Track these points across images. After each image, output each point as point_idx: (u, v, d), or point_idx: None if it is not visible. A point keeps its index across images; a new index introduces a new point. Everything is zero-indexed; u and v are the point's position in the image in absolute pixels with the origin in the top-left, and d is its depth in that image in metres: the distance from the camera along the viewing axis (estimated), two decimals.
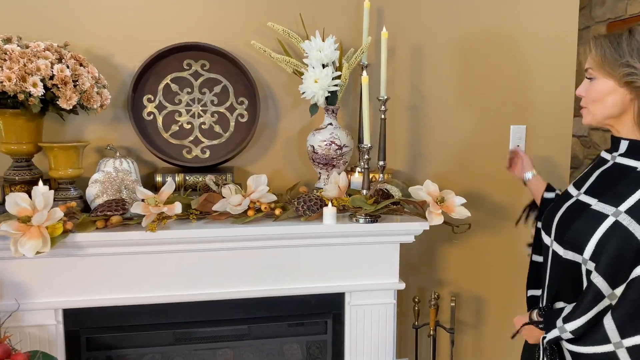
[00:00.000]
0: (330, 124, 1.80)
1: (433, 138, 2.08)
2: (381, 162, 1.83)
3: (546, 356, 1.23)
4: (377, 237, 1.68)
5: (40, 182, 1.47)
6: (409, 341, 2.15)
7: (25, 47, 1.53)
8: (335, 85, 1.75)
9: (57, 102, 1.51)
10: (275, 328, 1.77)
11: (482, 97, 2.10)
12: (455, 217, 1.63)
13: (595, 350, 1.13)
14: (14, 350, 1.36)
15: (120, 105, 1.84)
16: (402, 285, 1.74)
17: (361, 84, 1.68)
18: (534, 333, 1.31)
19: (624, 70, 1.16)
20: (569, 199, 1.28)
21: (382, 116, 1.81)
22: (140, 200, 1.51)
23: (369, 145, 1.66)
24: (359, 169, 1.89)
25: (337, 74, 1.75)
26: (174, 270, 1.60)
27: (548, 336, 1.21)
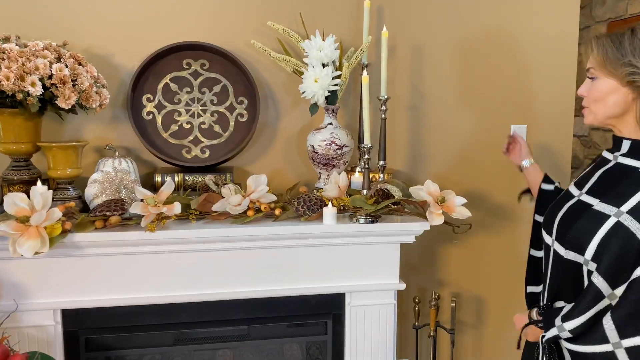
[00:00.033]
0: (331, 123, 1.80)
1: (433, 138, 2.07)
2: (381, 162, 1.82)
3: (545, 355, 1.23)
4: (377, 238, 1.67)
5: (38, 182, 1.47)
6: (409, 342, 2.15)
7: (24, 46, 1.53)
8: (336, 85, 1.75)
9: (56, 102, 1.51)
10: (275, 328, 1.76)
11: (482, 97, 2.09)
12: (455, 217, 1.62)
13: (594, 350, 1.13)
14: (12, 351, 1.36)
15: (119, 104, 1.83)
16: (403, 286, 1.73)
17: (361, 84, 1.68)
18: (534, 331, 1.31)
19: (626, 69, 1.16)
20: (571, 199, 1.28)
21: (383, 116, 1.81)
22: (139, 200, 1.50)
23: (369, 145, 1.66)
24: (359, 169, 1.89)
25: (337, 73, 1.75)
26: (173, 271, 1.59)
27: (547, 335, 1.22)
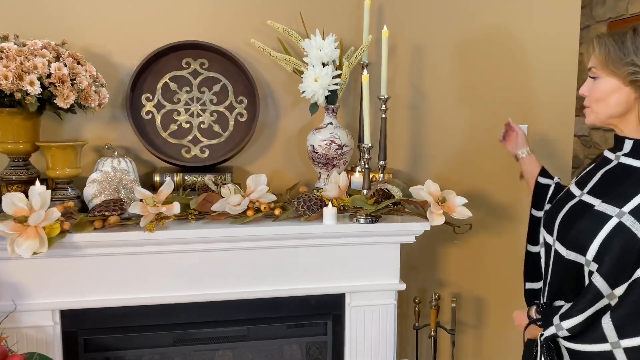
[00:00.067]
0: (331, 123, 1.79)
1: (434, 138, 2.07)
2: (382, 162, 1.82)
3: (544, 353, 1.24)
4: (377, 238, 1.67)
5: (37, 182, 1.46)
6: (410, 342, 2.14)
7: (23, 45, 1.52)
8: (336, 84, 1.74)
9: (55, 101, 1.50)
10: (275, 329, 1.76)
11: (483, 97, 2.08)
12: (456, 217, 1.62)
13: (592, 349, 1.13)
14: (10, 352, 1.36)
15: (118, 104, 1.82)
16: (403, 286, 1.73)
17: (361, 83, 1.67)
18: (532, 330, 1.32)
19: (629, 69, 1.16)
20: (572, 199, 1.28)
21: (383, 115, 1.80)
22: (138, 200, 1.50)
23: (370, 144, 1.65)
24: (359, 169, 1.88)
25: (338, 72, 1.74)
26: (172, 271, 1.59)
27: (545, 333, 1.22)
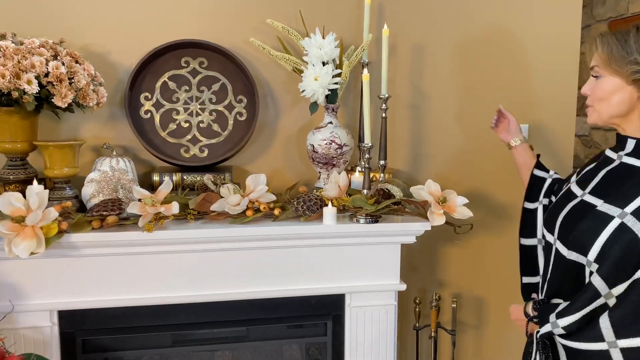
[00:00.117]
0: (331, 122, 1.78)
1: (434, 137, 2.06)
2: (382, 162, 1.81)
3: (539, 350, 1.24)
4: (377, 238, 1.66)
5: (35, 182, 1.45)
6: (410, 343, 2.13)
7: (20, 44, 1.51)
8: (336, 83, 1.73)
9: (52, 100, 1.49)
10: (275, 330, 1.75)
11: (483, 97, 2.07)
12: (457, 217, 1.61)
13: (588, 347, 1.13)
14: (8, 353, 1.35)
15: (117, 103, 1.81)
16: (403, 287, 1.72)
17: (362, 82, 1.66)
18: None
19: (632, 67, 1.15)
20: (574, 199, 1.27)
21: (383, 115, 1.79)
22: (137, 200, 1.49)
23: (370, 144, 1.65)
24: (359, 169, 1.87)
25: (338, 71, 1.73)
26: (171, 271, 1.58)
27: (541, 331, 1.22)
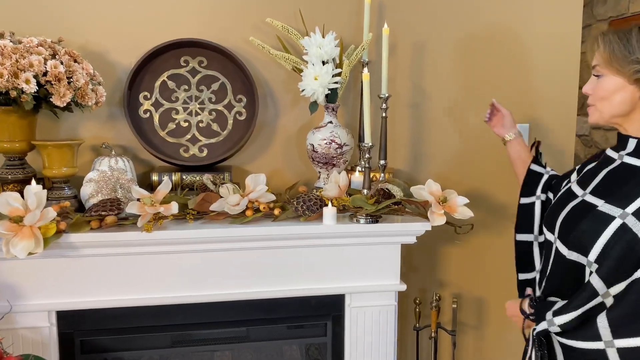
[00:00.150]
0: (330, 122, 1.77)
1: (435, 137, 2.05)
2: (382, 161, 1.80)
3: (535, 347, 1.23)
4: (378, 238, 1.65)
5: (33, 181, 1.44)
6: (410, 343, 2.12)
7: (18, 43, 1.50)
8: (336, 83, 1.72)
9: (51, 99, 1.49)
10: (274, 330, 1.74)
11: (484, 96, 2.06)
12: (457, 217, 1.60)
13: (585, 346, 1.13)
14: (6, 354, 1.34)
15: (115, 102, 1.80)
16: (403, 287, 1.71)
17: (362, 82, 1.65)
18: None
19: (634, 67, 1.14)
20: (574, 199, 1.26)
21: (383, 114, 1.78)
22: (135, 199, 1.48)
23: (370, 143, 1.64)
24: (359, 168, 1.87)
25: (338, 71, 1.72)
26: (170, 272, 1.57)
27: (537, 328, 1.22)
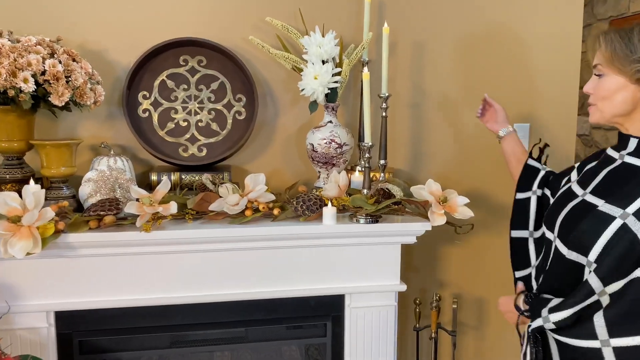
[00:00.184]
0: (330, 121, 1.77)
1: (435, 136, 2.05)
2: (382, 161, 1.79)
3: (530, 344, 1.23)
4: (377, 238, 1.65)
5: (31, 181, 1.43)
6: (410, 344, 2.12)
7: (16, 42, 1.49)
8: (336, 82, 1.72)
9: (49, 99, 1.48)
10: (274, 331, 1.74)
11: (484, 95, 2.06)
12: (458, 217, 1.60)
13: (581, 344, 1.13)
14: (4, 354, 1.34)
15: (114, 102, 1.80)
16: (404, 287, 1.70)
17: (362, 81, 1.65)
18: (515, 318, 1.32)
19: (636, 66, 1.14)
20: (574, 198, 1.26)
21: (383, 114, 1.78)
22: (134, 199, 1.48)
23: (370, 143, 1.63)
24: (359, 168, 1.86)
25: (337, 70, 1.71)
26: (169, 272, 1.56)
27: (532, 325, 1.22)
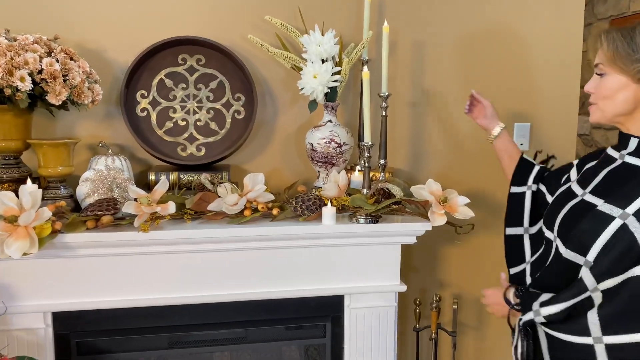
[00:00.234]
0: (330, 121, 1.76)
1: (435, 136, 2.04)
2: (382, 161, 1.78)
3: (521, 337, 1.24)
4: (377, 238, 1.64)
5: (28, 181, 1.43)
6: (410, 344, 2.11)
7: (13, 40, 1.48)
8: (335, 81, 1.71)
9: (46, 98, 1.47)
10: (273, 331, 1.73)
11: (485, 94, 2.03)
12: (458, 217, 1.59)
13: (573, 340, 1.13)
14: (1, 355, 1.33)
15: (112, 101, 1.79)
16: (403, 288, 1.70)
17: (362, 80, 1.64)
18: (503, 310, 1.33)
19: (638, 66, 1.13)
20: (574, 198, 1.26)
21: (383, 113, 1.77)
22: (132, 199, 1.47)
23: (370, 143, 1.62)
24: (359, 168, 1.86)
25: (337, 69, 1.71)
26: (167, 272, 1.56)
27: (524, 318, 1.22)
